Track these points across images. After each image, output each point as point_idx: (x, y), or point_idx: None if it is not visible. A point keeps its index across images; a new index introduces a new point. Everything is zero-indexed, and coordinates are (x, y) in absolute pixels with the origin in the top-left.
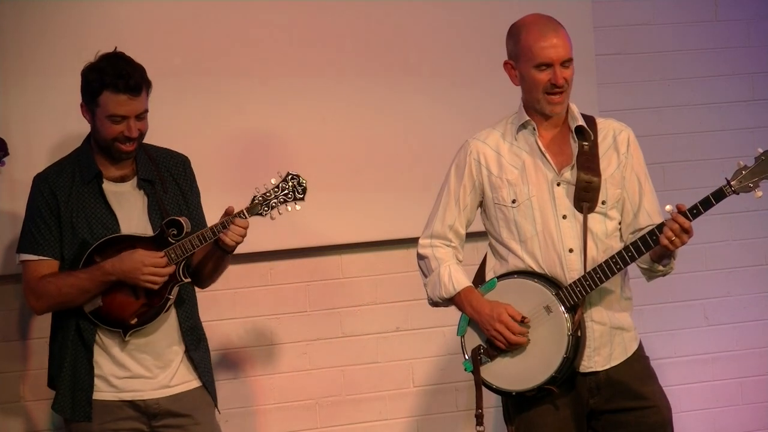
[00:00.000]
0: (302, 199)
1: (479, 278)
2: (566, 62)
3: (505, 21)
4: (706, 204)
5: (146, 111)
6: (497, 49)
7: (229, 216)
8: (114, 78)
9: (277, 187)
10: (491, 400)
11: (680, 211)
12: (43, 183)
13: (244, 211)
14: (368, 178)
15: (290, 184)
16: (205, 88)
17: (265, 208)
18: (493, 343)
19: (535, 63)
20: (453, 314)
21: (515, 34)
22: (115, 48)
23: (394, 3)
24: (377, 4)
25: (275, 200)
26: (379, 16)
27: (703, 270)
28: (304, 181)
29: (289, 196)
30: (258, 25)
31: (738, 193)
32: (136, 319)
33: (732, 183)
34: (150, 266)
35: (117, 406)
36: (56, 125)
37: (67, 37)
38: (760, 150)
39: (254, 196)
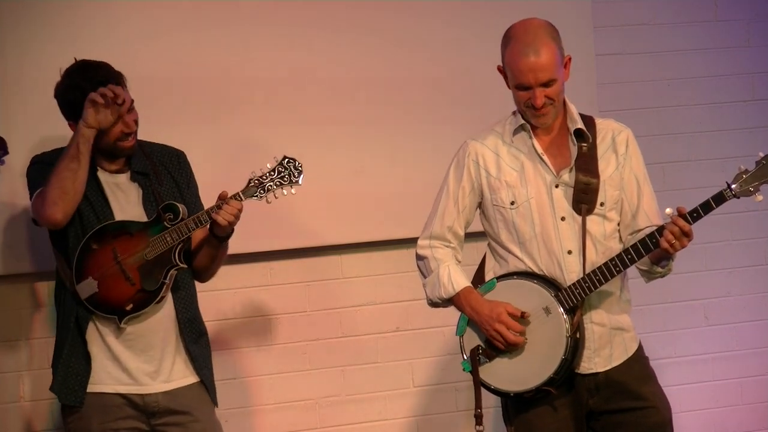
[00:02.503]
0: (298, 182)
1: (478, 279)
2: (547, 83)
3: (507, 19)
4: (706, 207)
5: (132, 101)
6: (497, 49)
7: (223, 200)
8: (94, 88)
9: (273, 170)
10: (491, 400)
11: (680, 215)
12: (43, 159)
13: (240, 194)
14: (368, 178)
15: (286, 167)
16: (204, 88)
17: (261, 191)
18: (492, 343)
19: (514, 83)
20: (453, 314)
21: (504, 44)
22: (75, 59)
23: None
24: (379, 13)
25: (271, 183)
26: (382, 12)
27: (703, 270)
28: (300, 165)
29: (285, 179)
30: (257, 24)
31: (738, 197)
32: (131, 305)
33: (732, 187)
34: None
35: (116, 405)
36: (56, 122)
37: (67, 35)
38: (761, 154)
39: (250, 179)
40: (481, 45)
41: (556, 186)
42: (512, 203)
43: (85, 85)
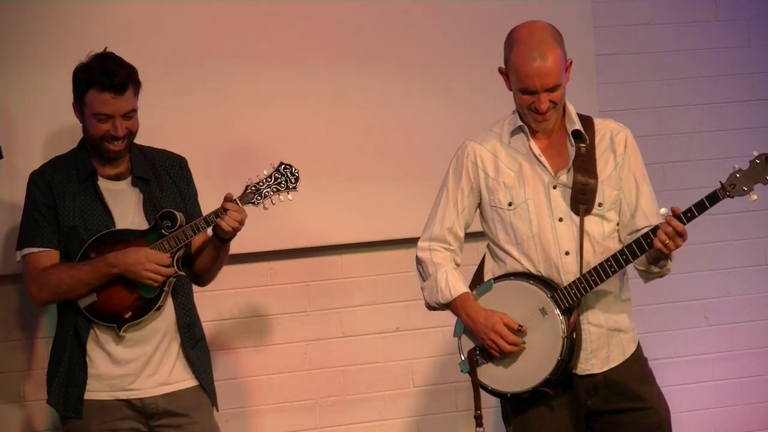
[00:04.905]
0: (294, 188)
1: (477, 279)
2: (552, 88)
3: (507, 19)
4: (700, 207)
5: (133, 110)
6: (497, 49)
7: (228, 201)
8: (99, 76)
9: (270, 176)
10: (491, 401)
11: (674, 215)
12: (39, 178)
13: (237, 200)
14: (368, 178)
15: (283, 173)
16: (203, 88)
17: (258, 198)
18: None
19: (519, 87)
20: (452, 314)
21: (508, 47)
22: (105, 48)
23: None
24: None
25: (268, 189)
26: (379, 13)
27: (703, 270)
28: (296, 171)
29: (282, 185)
30: (255, 23)
31: (732, 197)
32: (130, 313)
33: (726, 186)
34: (153, 263)
35: (115, 407)
36: (57, 123)
37: (69, 32)
38: (755, 153)
39: (247, 186)
40: (482, 46)
41: (554, 187)
42: (510, 204)
43: (95, 68)
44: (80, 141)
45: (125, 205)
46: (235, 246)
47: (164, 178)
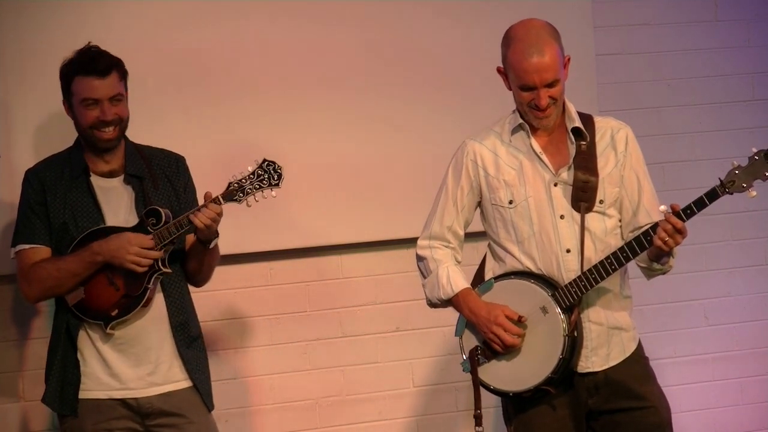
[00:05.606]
0: (278, 185)
1: (478, 279)
2: (551, 83)
3: (506, 19)
4: (699, 204)
5: (120, 95)
6: (496, 49)
7: (207, 200)
8: (83, 63)
9: (253, 173)
10: (492, 400)
11: (674, 212)
12: (32, 176)
13: (220, 197)
14: (368, 178)
15: (266, 170)
16: (202, 88)
17: (240, 194)
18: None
19: (518, 84)
20: (452, 314)
21: (505, 45)
22: (89, 43)
23: (390, 4)
24: (375, 6)
25: (250, 186)
26: (380, 13)
27: (703, 270)
28: (279, 168)
29: (265, 182)
30: (255, 26)
31: (732, 193)
32: (116, 311)
33: (725, 183)
34: (136, 246)
35: (109, 406)
36: (56, 120)
37: (69, 31)
38: (754, 150)
39: (230, 183)
40: (482, 44)
41: (555, 184)
42: (510, 202)
43: (78, 58)
44: (76, 139)
45: (117, 203)
46: (235, 246)
47: (160, 176)
